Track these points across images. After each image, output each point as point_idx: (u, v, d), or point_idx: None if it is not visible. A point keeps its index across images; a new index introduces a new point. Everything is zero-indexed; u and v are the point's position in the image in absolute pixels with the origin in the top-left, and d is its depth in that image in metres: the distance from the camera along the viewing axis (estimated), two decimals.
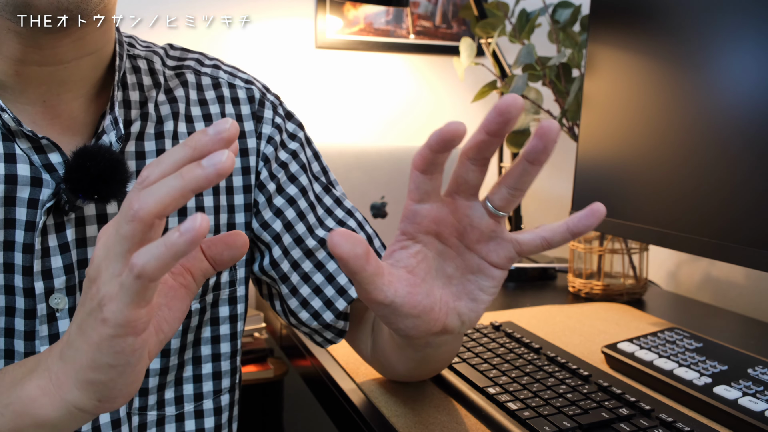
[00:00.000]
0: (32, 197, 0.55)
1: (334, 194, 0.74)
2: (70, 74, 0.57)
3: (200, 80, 0.69)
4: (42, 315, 0.56)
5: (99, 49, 0.58)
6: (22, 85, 0.56)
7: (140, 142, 0.62)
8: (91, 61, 0.58)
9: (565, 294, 1.19)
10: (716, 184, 0.82)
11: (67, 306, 0.57)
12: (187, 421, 0.66)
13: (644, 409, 0.65)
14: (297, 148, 0.72)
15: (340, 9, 1.44)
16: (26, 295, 0.56)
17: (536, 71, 1.23)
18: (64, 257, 0.57)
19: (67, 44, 0.54)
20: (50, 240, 0.56)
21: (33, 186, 0.56)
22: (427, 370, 0.71)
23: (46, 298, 0.56)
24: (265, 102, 0.71)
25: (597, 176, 1.02)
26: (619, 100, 0.98)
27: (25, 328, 0.56)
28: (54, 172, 0.56)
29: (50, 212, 0.56)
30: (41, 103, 0.57)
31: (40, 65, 0.55)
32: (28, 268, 0.56)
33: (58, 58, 0.55)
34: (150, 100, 0.64)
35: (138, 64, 0.65)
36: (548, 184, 1.63)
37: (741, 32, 0.79)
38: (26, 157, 0.56)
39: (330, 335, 0.72)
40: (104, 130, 0.59)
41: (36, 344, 0.57)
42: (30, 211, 0.55)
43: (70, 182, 0.53)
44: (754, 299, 1.16)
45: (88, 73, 0.59)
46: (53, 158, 0.56)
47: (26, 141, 0.55)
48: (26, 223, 0.55)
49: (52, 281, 0.56)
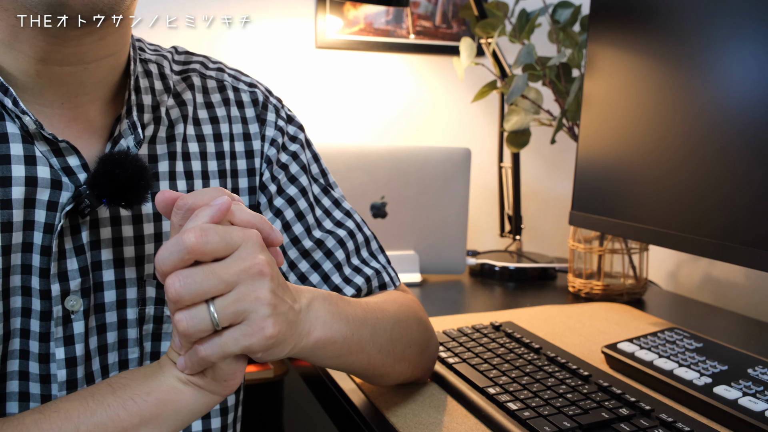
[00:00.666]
0: (52, 200, 0.56)
1: (333, 196, 0.74)
2: (89, 76, 0.57)
3: (206, 83, 0.70)
4: (57, 317, 0.56)
5: (118, 50, 0.59)
6: (41, 87, 0.55)
7: (152, 145, 0.63)
8: (110, 63, 0.58)
9: (565, 294, 1.19)
10: (716, 184, 0.82)
11: (82, 308, 0.57)
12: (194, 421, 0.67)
13: (644, 409, 0.65)
14: (297, 149, 0.72)
15: (340, 9, 1.44)
16: (42, 297, 0.56)
17: (536, 71, 1.23)
18: (79, 259, 0.57)
19: (90, 43, 0.54)
20: (66, 242, 0.57)
21: (53, 189, 0.56)
22: (375, 378, 0.69)
23: (62, 300, 0.56)
24: (268, 105, 0.72)
25: (597, 176, 1.02)
26: (619, 100, 0.98)
27: (41, 329, 0.56)
28: (72, 175, 0.57)
29: (68, 215, 0.56)
30: (59, 105, 0.57)
31: (61, 65, 0.55)
32: (45, 270, 0.56)
33: (79, 57, 0.55)
34: (162, 104, 0.64)
35: (149, 68, 0.65)
36: (548, 184, 1.63)
37: (741, 32, 0.79)
38: (45, 160, 0.56)
39: None
40: (121, 134, 0.59)
41: (51, 345, 0.57)
42: (49, 214, 0.56)
43: (96, 188, 0.55)
44: (754, 299, 1.16)
45: (106, 76, 0.59)
46: (71, 161, 0.57)
47: (45, 144, 0.55)
48: (45, 225, 0.56)
49: (67, 283, 0.57)
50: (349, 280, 0.70)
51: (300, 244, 0.70)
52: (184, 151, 0.65)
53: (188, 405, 0.50)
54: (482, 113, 1.57)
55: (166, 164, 0.63)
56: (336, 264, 0.70)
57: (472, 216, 1.49)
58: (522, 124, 1.25)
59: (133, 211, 0.60)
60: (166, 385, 0.50)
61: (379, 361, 0.65)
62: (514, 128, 1.26)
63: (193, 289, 0.45)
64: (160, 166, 0.63)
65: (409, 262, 1.25)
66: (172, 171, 0.64)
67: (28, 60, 0.54)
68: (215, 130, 0.68)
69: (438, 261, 1.28)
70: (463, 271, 1.29)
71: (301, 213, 0.70)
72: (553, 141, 1.24)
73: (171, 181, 0.63)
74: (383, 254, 0.75)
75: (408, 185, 1.25)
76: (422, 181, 1.25)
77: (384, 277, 0.73)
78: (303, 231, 0.70)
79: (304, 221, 0.70)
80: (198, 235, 0.45)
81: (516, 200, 1.42)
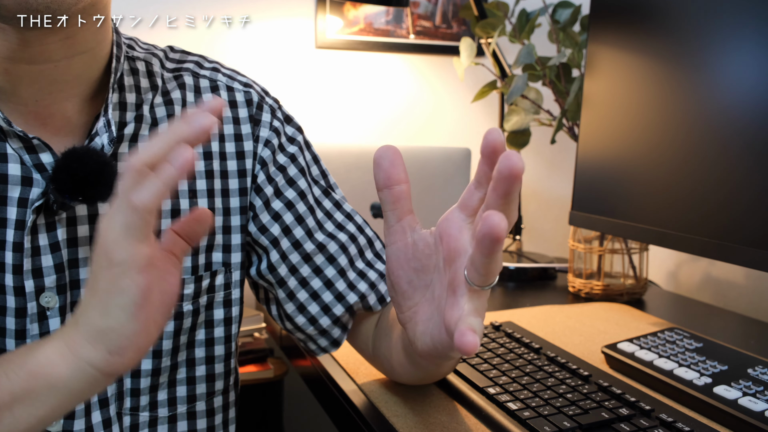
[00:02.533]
0: (22, 196, 0.56)
1: (334, 198, 0.73)
2: (61, 73, 0.57)
3: (198, 83, 0.69)
4: (32, 313, 0.57)
5: (91, 48, 0.58)
6: (13, 85, 0.56)
7: (134, 144, 0.62)
8: (84, 61, 0.58)
9: (565, 294, 1.19)
10: (716, 184, 0.82)
11: (57, 305, 0.57)
12: (179, 422, 0.66)
13: (644, 409, 0.65)
14: (296, 151, 0.71)
15: (340, 9, 1.44)
16: (16, 294, 0.56)
17: (536, 71, 1.23)
18: (54, 256, 0.57)
19: (54, 42, 0.54)
20: (41, 239, 0.56)
21: (23, 185, 0.56)
22: (427, 380, 0.71)
23: (37, 297, 0.57)
24: (263, 105, 0.71)
25: (597, 176, 1.02)
26: (619, 100, 0.98)
27: (16, 326, 0.57)
28: (45, 171, 0.57)
29: (40, 211, 0.56)
30: (34, 102, 0.57)
31: (29, 63, 0.55)
32: (18, 267, 0.56)
33: (46, 56, 0.55)
34: (146, 102, 0.64)
35: (136, 66, 0.65)
36: (548, 184, 1.63)
37: (741, 32, 0.79)
38: (18, 157, 0.56)
39: (324, 343, 0.72)
40: (97, 132, 0.59)
41: (27, 342, 0.57)
42: (20, 210, 0.56)
43: (56, 183, 0.54)
44: (754, 299, 1.16)
45: (81, 73, 0.58)
46: (44, 158, 0.57)
47: (18, 141, 0.56)
48: (16, 222, 0.56)
49: (42, 280, 0.57)
50: (354, 285, 0.70)
51: (302, 248, 0.69)
52: None
53: (63, 379, 0.45)
54: (482, 113, 1.57)
55: None
56: (339, 270, 0.70)
57: None
58: (522, 124, 1.25)
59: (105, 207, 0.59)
60: (41, 358, 0.46)
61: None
62: (514, 128, 1.26)
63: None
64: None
65: None
66: None
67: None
68: None
69: None
70: None
71: (301, 216, 0.70)
72: (553, 141, 1.24)
73: None
74: None
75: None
76: (422, 181, 1.25)
77: None
78: (304, 234, 0.69)
79: (305, 224, 0.70)
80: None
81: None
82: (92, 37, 0.58)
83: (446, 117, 1.55)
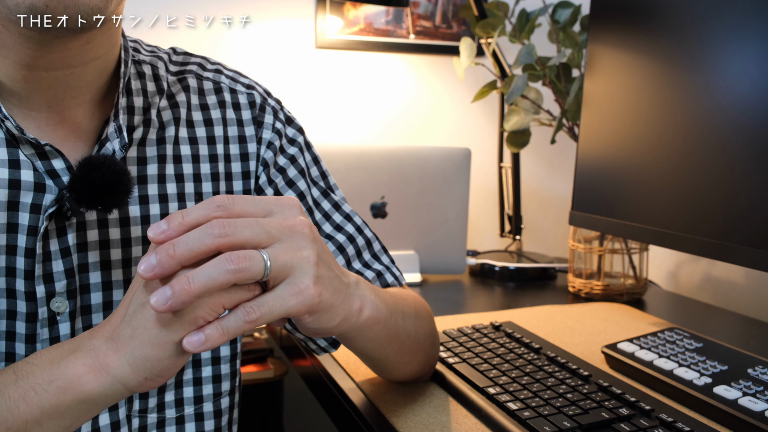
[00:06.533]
0: (35, 202, 0.56)
1: (333, 199, 0.74)
2: (76, 79, 0.57)
3: (202, 85, 0.69)
4: (43, 318, 0.56)
5: (105, 53, 0.58)
6: (28, 91, 0.56)
7: (142, 147, 0.63)
8: (97, 66, 0.58)
9: (565, 294, 1.19)
10: (716, 184, 0.82)
11: (68, 309, 0.57)
12: (187, 423, 0.66)
13: (644, 409, 0.65)
14: (296, 153, 0.72)
15: (340, 9, 1.44)
16: (28, 299, 0.56)
17: (536, 71, 1.23)
18: (65, 261, 0.57)
19: (75, 48, 0.54)
20: (52, 244, 0.57)
21: (36, 191, 0.56)
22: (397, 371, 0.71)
23: (47, 302, 0.57)
24: (265, 107, 0.71)
25: (597, 176, 1.02)
26: (619, 100, 0.98)
27: (27, 331, 0.57)
28: (57, 177, 0.57)
29: (52, 217, 0.56)
30: (46, 108, 0.57)
31: (47, 70, 0.55)
32: (29, 272, 0.56)
33: (65, 62, 0.55)
34: (153, 106, 0.64)
35: (143, 70, 0.65)
36: (548, 184, 1.63)
37: (741, 33, 0.79)
38: (30, 163, 0.56)
39: (324, 343, 0.72)
40: (108, 137, 0.59)
41: (37, 347, 0.57)
42: (32, 216, 0.56)
43: (74, 192, 0.54)
44: (754, 299, 1.16)
45: (94, 79, 0.59)
46: (56, 164, 0.57)
47: (30, 147, 0.56)
48: (29, 228, 0.56)
49: (53, 285, 0.57)
50: None
51: None
52: (175, 154, 0.64)
53: (92, 395, 0.47)
54: (482, 113, 1.57)
55: (155, 167, 0.63)
56: None
57: (472, 216, 1.49)
58: (522, 124, 1.25)
59: (118, 214, 0.60)
60: (69, 373, 0.47)
61: (405, 349, 0.66)
62: (514, 128, 1.26)
63: (238, 231, 0.45)
64: (149, 169, 0.63)
65: (409, 262, 1.25)
66: (161, 174, 0.63)
67: (14, 66, 0.54)
68: (209, 133, 0.67)
69: (438, 261, 1.28)
70: (463, 271, 1.29)
71: None
72: (553, 141, 1.24)
73: (160, 183, 0.63)
74: (387, 255, 0.75)
75: (408, 185, 1.25)
76: (422, 181, 1.25)
77: (387, 277, 0.72)
78: None
79: None
80: (222, 200, 0.47)
81: (516, 200, 1.42)
82: (107, 41, 0.58)
83: (446, 117, 1.55)
